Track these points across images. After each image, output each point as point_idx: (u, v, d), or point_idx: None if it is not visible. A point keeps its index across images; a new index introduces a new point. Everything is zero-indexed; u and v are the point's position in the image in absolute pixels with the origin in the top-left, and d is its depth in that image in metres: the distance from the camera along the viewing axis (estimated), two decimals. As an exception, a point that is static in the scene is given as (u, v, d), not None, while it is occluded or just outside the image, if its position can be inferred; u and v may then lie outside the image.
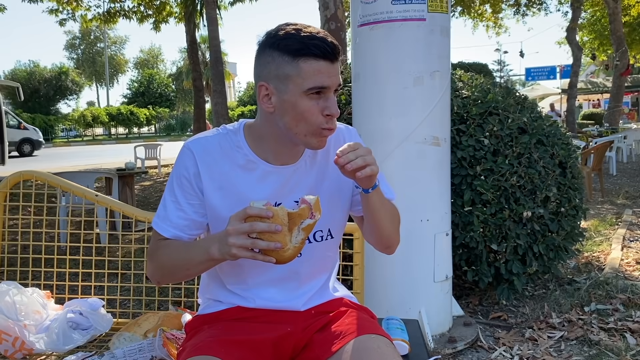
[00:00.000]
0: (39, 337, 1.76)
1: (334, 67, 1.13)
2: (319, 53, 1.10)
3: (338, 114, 1.15)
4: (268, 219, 1.02)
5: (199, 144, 1.22)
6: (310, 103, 1.13)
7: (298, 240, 1.06)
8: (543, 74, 26.45)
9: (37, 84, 36.25)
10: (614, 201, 6.94)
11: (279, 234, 1.03)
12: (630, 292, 3.25)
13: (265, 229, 1.01)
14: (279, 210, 1.03)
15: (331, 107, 1.14)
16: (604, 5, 17.11)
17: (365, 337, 1.20)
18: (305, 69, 1.10)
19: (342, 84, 1.17)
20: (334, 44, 1.12)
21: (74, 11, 12.87)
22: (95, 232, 2.21)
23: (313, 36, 1.10)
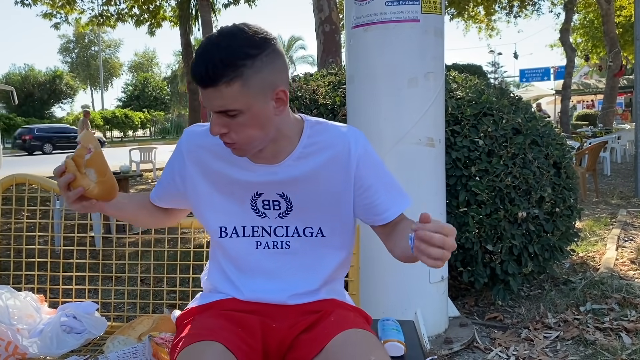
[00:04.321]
0: (32, 341, 1.74)
1: (206, 92, 1.09)
2: (192, 76, 1.10)
3: (213, 134, 1.13)
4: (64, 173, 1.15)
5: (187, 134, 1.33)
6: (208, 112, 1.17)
7: (93, 177, 1.18)
8: (537, 75, 26.58)
9: (32, 87, 36.18)
10: (608, 201, 6.96)
11: (77, 181, 1.16)
12: (625, 291, 3.25)
13: (64, 182, 1.15)
14: (67, 161, 1.16)
15: (210, 126, 1.14)
16: (596, 6, 17.21)
17: (350, 331, 1.19)
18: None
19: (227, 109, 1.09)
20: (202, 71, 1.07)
21: (67, 14, 12.84)
22: (89, 235, 2.20)
23: (197, 53, 1.09)
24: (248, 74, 1.08)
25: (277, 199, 1.27)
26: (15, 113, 31.24)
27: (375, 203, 1.29)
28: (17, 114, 31.08)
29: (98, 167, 1.18)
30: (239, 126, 1.12)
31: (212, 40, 1.08)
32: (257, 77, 1.09)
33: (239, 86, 1.08)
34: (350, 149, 1.25)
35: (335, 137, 1.26)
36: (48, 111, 37.46)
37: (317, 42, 7.90)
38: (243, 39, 1.08)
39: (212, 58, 1.06)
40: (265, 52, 1.09)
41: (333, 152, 1.25)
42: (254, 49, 1.08)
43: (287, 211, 1.28)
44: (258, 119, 1.13)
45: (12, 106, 30.45)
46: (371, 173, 1.28)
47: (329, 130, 1.27)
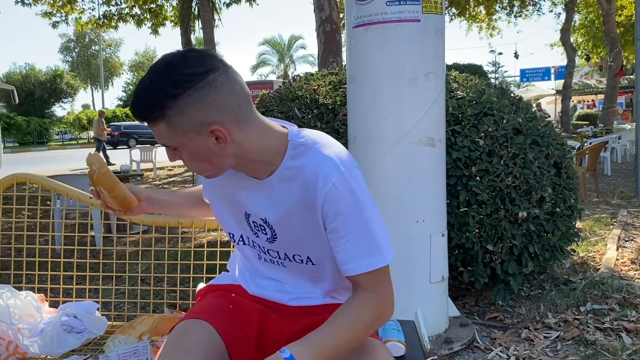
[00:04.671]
0: (33, 341, 1.75)
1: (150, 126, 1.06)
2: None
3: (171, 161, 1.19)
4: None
5: None
6: None
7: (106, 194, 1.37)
8: (537, 75, 26.58)
9: (32, 86, 36.18)
10: (608, 201, 6.96)
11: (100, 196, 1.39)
12: (625, 291, 3.25)
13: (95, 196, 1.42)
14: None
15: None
16: (597, 6, 17.20)
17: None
18: None
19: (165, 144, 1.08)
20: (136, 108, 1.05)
21: (67, 14, 12.83)
22: (89, 234, 2.20)
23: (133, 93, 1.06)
24: (170, 115, 1.02)
25: (262, 224, 1.23)
26: (16, 112, 31.25)
27: (336, 250, 1.15)
28: (17, 113, 31.09)
29: (106, 184, 1.35)
30: (185, 159, 1.10)
31: (145, 76, 1.05)
32: (181, 117, 1.02)
33: (164, 126, 1.04)
34: (318, 183, 1.10)
35: (310, 166, 1.12)
36: (49, 110, 37.47)
37: (318, 41, 7.89)
38: (167, 77, 1.02)
39: (138, 98, 1.04)
40: (188, 92, 1.01)
41: (306, 182, 1.13)
42: (176, 89, 1.01)
43: (272, 238, 1.24)
44: (199, 155, 1.08)
45: (12, 105, 30.44)
46: (337, 215, 1.11)
47: (307, 156, 1.13)
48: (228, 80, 1.05)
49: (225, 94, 1.04)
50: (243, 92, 1.08)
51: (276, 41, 44.60)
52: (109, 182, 1.34)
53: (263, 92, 4.30)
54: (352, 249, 1.12)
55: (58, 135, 34.11)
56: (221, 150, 1.08)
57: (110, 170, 1.38)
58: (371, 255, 1.12)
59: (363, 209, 1.12)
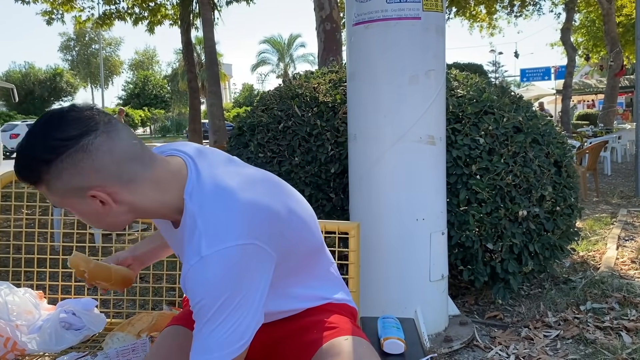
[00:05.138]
0: (31, 338, 1.74)
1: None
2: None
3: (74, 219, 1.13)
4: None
5: None
6: None
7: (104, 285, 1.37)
8: (538, 74, 26.57)
9: (32, 85, 36.19)
10: (609, 201, 6.95)
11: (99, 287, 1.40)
12: (625, 290, 3.25)
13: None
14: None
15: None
16: (597, 6, 17.19)
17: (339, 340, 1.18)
18: None
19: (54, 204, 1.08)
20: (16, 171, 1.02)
21: (67, 12, 12.82)
22: (88, 232, 2.19)
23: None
24: (47, 179, 0.99)
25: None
26: (16, 110, 31.23)
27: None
28: (17, 111, 31.07)
29: (101, 276, 1.32)
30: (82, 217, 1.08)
31: (24, 138, 1.02)
32: (58, 181, 0.99)
33: (46, 189, 1.02)
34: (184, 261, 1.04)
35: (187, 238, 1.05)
36: (48, 109, 37.44)
37: (318, 40, 7.88)
38: (41, 142, 0.99)
39: (17, 161, 1.02)
40: (60, 158, 0.97)
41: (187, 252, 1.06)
42: (49, 154, 0.98)
43: None
44: (89, 215, 1.06)
45: (12, 104, 30.45)
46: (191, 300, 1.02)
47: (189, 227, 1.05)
48: (107, 141, 0.99)
49: (102, 157, 0.99)
50: (127, 151, 1.02)
51: (276, 40, 44.60)
52: (103, 273, 1.31)
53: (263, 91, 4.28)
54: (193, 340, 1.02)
55: (58, 133, 34.08)
56: (110, 211, 1.04)
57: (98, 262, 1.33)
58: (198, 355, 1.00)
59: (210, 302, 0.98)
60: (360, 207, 2.71)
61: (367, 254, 2.47)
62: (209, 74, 10.91)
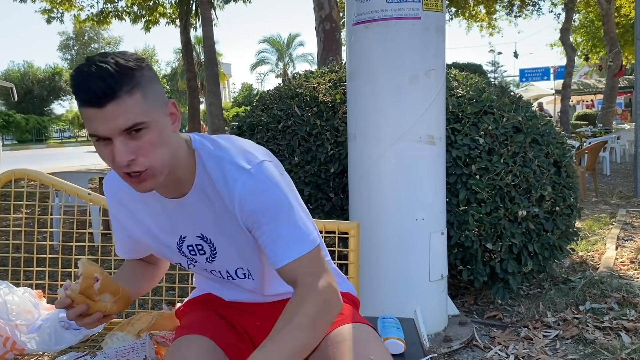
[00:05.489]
0: (31, 337, 1.74)
1: (104, 112, 0.94)
2: (81, 101, 0.96)
3: (122, 162, 0.97)
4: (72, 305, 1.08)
5: (106, 181, 1.27)
6: (100, 149, 1.00)
7: (108, 298, 1.14)
8: (537, 75, 26.55)
9: (31, 84, 36.14)
10: (608, 201, 6.96)
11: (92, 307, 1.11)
12: (624, 291, 3.25)
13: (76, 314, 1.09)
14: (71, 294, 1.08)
15: (115, 156, 0.98)
16: (597, 6, 17.19)
17: (347, 327, 1.18)
18: (82, 114, 0.99)
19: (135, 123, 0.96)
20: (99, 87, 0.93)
21: (66, 11, 12.79)
22: (87, 231, 2.19)
23: (78, 82, 0.95)
24: (143, 83, 0.98)
25: (199, 243, 1.20)
26: (15, 110, 31.20)
27: (264, 248, 1.12)
28: (16, 110, 31.04)
29: (110, 289, 1.13)
30: (147, 146, 0.99)
31: (91, 59, 0.97)
32: (151, 87, 1.00)
33: (140, 96, 0.97)
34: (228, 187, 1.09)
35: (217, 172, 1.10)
36: (47, 108, 37.42)
37: (317, 40, 7.88)
38: (122, 54, 0.99)
39: (106, 70, 0.94)
40: (147, 65, 1.00)
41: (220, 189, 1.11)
42: (137, 61, 0.99)
43: (212, 256, 1.21)
44: (163, 135, 1.02)
45: (11, 103, 30.43)
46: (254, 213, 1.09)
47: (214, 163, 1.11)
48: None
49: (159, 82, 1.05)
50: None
51: (275, 39, 44.55)
52: (112, 284, 1.13)
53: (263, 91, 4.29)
54: (277, 240, 1.07)
55: (57, 133, 34.08)
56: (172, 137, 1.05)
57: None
58: (297, 243, 1.07)
59: (278, 200, 1.08)
60: (360, 206, 2.71)
61: (366, 254, 2.47)
62: (208, 74, 10.90)
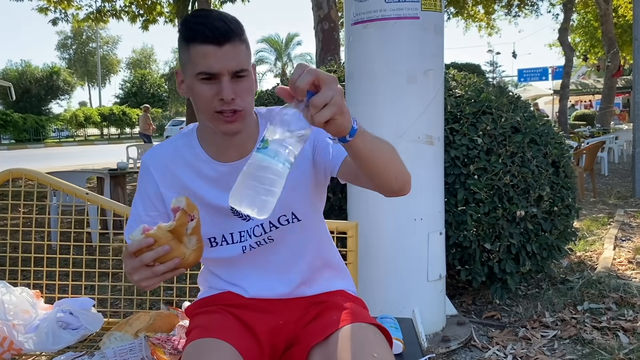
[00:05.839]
0: (28, 337, 1.73)
1: (222, 50, 1.08)
2: (203, 37, 1.08)
3: (229, 98, 1.10)
4: (153, 245, 0.98)
5: (153, 155, 1.30)
6: (203, 87, 1.12)
7: (193, 243, 1.04)
8: (535, 75, 26.57)
9: (29, 83, 36.02)
10: (606, 201, 6.97)
11: (172, 251, 1.00)
12: (622, 291, 3.25)
13: (154, 256, 0.98)
14: (157, 232, 0.99)
15: (222, 92, 1.10)
16: (595, 6, 17.22)
17: (354, 326, 1.19)
18: (194, 54, 1.10)
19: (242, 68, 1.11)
20: (223, 25, 1.08)
21: (64, 10, 12.75)
22: (85, 231, 2.18)
23: (201, 21, 1.09)
24: (247, 39, 1.14)
25: None
26: (13, 109, 31.10)
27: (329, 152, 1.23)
28: (14, 110, 30.94)
29: (199, 234, 1.06)
30: (245, 91, 1.13)
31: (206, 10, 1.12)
32: (248, 43, 1.15)
33: (245, 47, 1.13)
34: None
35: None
36: (45, 107, 37.27)
37: (316, 40, 7.87)
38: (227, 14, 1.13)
39: (225, 16, 1.10)
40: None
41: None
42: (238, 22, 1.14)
43: None
44: (253, 86, 1.17)
45: (9, 102, 30.34)
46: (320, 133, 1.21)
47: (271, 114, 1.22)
48: None
49: None
50: None
51: (274, 39, 44.53)
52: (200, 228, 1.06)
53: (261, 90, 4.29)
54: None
55: (55, 132, 33.97)
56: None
57: None
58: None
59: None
60: (359, 206, 2.71)
61: (365, 254, 2.46)
62: (207, 73, 10.87)
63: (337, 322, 1.21)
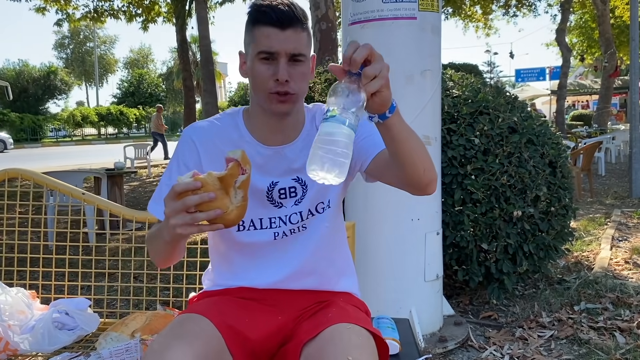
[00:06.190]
0: (24, 338, 1.73)
1: (284, 33, 1.15)
2: (268, 20, 1.15)
3: (284, 78, 1.16)
4: (199, 190, 0.98)
5: (198, 129, 1.30)
6: (261, 67, 1.17)
7: (238, 199, 1.03)
8: (533, 75, 26.61)
9: (26, 83, 35.93)
10: (603, 201, 6.98)
11: (216, 201, 0.99)
12: (619, 291, 3.26)
13: (198, 200, 0.98)
14: (206, 177, 0.99)
15: (279, 72, 1.16)
16: (592, 7, 17.25)
17: (341, 325, 1.18)
18: (257, 35, 1.17)
19: (300, 52, 1.18)
20: (288, 11, 1.15)
21: (62, 10, 12.72)
22: (81, 231, 2.18)
23: (268, 5, 1.15)
24: (309, 29, 1.21)
25: (293, 185, 1.28)
26: (10, 109, 31.03)
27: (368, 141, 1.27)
28: (11, 109, 30.86)
29: (245, 191, 1.04)
30: (300, 75, 1.18)
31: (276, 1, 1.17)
32: (311, 35, 1.22)
33: (307, 35, 1.19)
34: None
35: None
36: (42, 107, 37.19)
37: (314, 40, 7.87)
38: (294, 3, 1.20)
39: (292, 3, 1.17)
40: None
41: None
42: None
43: (302, 196, 1.29)
44: (308, 73, 1.22)
45: (6, 101, 30.25)
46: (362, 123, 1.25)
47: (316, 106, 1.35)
48: None
49: None
50: None
51: (272, 39, 44.44)
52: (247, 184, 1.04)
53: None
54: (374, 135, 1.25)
55: (52, 132, 33.90)
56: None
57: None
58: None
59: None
60: (356, 207, 2.70)
61: (362, 254, 2.46)
62: (204, 73, 10.87)
63: (329, 320, 1.20)
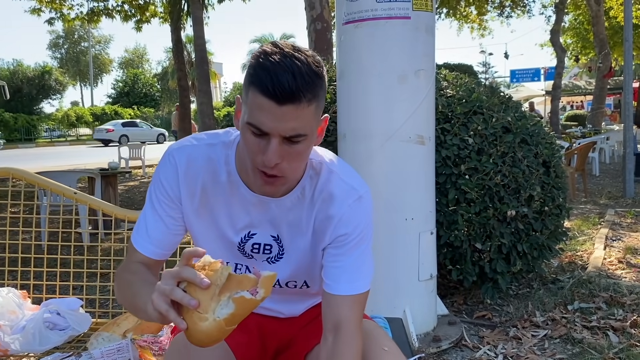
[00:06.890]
0: (14, 338, 1.72)
1: (281, 109, 0.91)
2: (262, 88, 0.91)
3: (272, 163, 0.94)
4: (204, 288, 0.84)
5: (184, 154, 1.09)
6: (251, 137, 0.96)
7: (223, 313, 0.83)
8: (527, 75, 26.73)
9: (20, 83, 35.76)
10: (596, 201, 7.01)
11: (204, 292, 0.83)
12: (612, 290, 3.27)
13: (180, 299, 0.83)
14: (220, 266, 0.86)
15: (267, 153, 0.94)
16: (586, 8, 17.31)
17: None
18: (251, 99, 0.94)
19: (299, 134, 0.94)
20: (291, 84, 0.90)
21: (56, 10, 12.68)
22: (74, 231, 2.17)
23: (268, 67, 0.91)
24: (320, 95, 0.96)
25: (269, 242, 1.15)
26: (4, 108, 30.88)
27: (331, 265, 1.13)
28: (5, 109, 30.72)
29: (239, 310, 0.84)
30: (296, 156, 0.98)
31: (286, 52, 0.92)
32: (323, 99, 0.98)
33: (314, 108, 0.95)
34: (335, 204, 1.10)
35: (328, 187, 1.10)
36: (37, 107, 37.03)
37: (309, 40, 7.86)
38: (312, 57, 0.95)
39: (300, 70, 0.91)
40: (325, 71, 0.98)
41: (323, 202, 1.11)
42: (321, 67, 0.95)
43: (277, 257, 1.16)
44: (309, 149, 1.02)
45: (1, 101, 30.11)
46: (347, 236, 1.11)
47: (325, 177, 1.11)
48: None
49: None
50: None
51: (267, 39, 44.48)
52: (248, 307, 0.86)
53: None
54: (347, 269, 1.12)
55: (46, 132, 33.77)
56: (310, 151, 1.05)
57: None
58: (361, 279, 1.13)
59: (369, 234, 1.14)
60: (350, 206, 2.70)
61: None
62: (199, 73, 10.85)
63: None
